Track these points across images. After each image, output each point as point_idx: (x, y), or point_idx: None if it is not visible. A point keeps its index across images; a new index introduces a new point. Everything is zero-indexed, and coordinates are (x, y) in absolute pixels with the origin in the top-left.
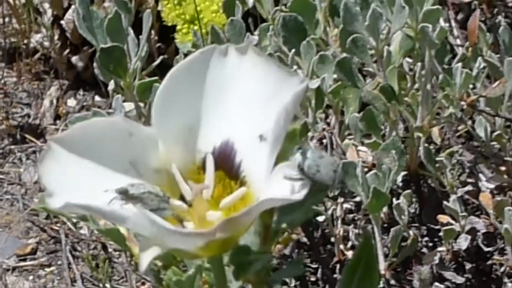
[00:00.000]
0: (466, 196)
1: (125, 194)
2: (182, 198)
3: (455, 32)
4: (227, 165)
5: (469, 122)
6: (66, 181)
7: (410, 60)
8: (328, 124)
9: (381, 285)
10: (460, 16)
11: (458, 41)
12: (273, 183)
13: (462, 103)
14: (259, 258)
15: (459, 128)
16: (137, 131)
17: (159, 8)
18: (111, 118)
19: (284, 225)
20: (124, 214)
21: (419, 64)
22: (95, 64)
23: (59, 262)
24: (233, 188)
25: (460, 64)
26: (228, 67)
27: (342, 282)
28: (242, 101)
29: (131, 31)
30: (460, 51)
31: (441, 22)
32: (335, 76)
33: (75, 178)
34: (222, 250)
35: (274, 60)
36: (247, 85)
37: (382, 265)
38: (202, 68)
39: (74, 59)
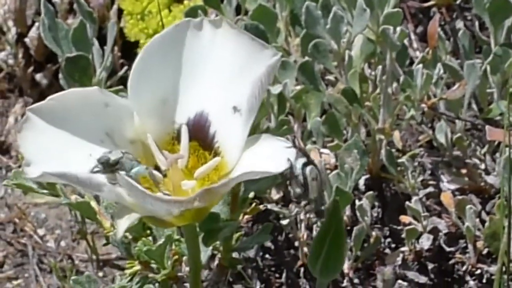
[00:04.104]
0: (428, 202)
1: (106, 163)
2: (157, 168)
3: (415, 44)
4: (201, 136)
5: (430, 132)
6: (43, 151)
7: (370, 71)
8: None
9: (345, 284)
10: (419, 29)
11: (418, 53)
12: (253, 155)
13: (423, 105)
14: (227, 225)
15: (420, 138)
16: (113, 102)
17: (121, 24)
18: (88, 89)
19: (251, 194)
20: (101, 181)
21: (380, 67)
22: (60, 75)
23: (26, 275)
24: (207, 159)
25: (420, 66)
26: (202, 40)
27: (313, 248)
28: (216, 73)
29: (96, 41)
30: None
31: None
32: (298, 87)
33: (53, 148)
34: (196, 219)
35: (248, 33)
36: (221, 58)
37: (346, 265)
38: (177, 42)
39: (38, 76)
